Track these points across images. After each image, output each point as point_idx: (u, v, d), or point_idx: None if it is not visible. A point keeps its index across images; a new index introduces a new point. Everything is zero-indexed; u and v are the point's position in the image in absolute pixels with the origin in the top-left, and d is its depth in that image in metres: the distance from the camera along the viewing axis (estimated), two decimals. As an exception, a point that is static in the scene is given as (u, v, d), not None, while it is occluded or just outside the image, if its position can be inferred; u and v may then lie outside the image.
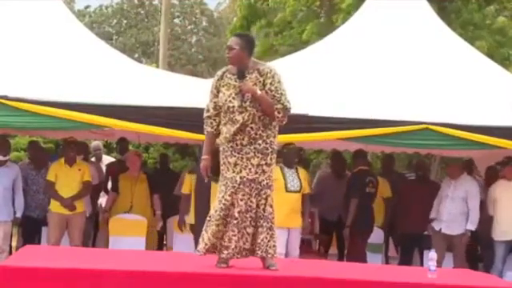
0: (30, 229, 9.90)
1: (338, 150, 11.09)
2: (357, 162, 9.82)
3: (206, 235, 5.98)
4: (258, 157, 5.96)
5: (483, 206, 9.49)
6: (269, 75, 6.03)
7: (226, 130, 6.01)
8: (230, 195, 5.91)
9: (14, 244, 10.47)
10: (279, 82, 6.04)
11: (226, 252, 5.94)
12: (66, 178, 9.26)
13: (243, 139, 5.96)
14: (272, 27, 19.42)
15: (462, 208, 9.30)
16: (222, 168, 6.00)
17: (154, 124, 8.48)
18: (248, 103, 5.95)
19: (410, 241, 9.91)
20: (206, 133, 6.19)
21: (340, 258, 10.08)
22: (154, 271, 5.65)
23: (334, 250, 10.57)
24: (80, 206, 9.35)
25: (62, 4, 10.31)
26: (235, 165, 5.93)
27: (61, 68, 8.93)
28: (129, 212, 9.68)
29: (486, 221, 9.41)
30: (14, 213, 9.28)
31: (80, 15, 33.83)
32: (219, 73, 6.18)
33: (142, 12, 38.35)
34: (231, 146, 5.96)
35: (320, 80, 9.32)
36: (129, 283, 5.51)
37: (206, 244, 5.97)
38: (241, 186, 5.91)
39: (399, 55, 9.64)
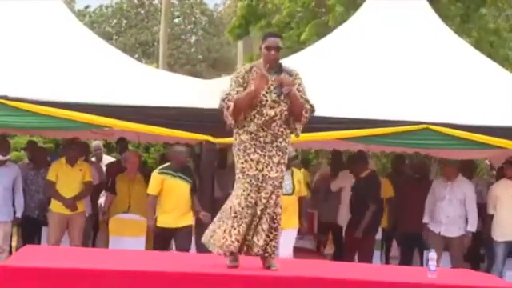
0: (29, 229, 9.91)
1: (337, 150, 11.06)
2: (362, 164, 9.68)
3: (234, 232, 5.89)
4: (278, 155, 5.97)
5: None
6: (298, 76, 6.11)
7: (253, 125, 5.94)
8: (254, 193, 5.91)
9: (13, 244, 10.47)
10: (303, 84, 6.10)
11: (256, 250, 5.94)
12: (67, 178, 9.25)
13: (266, 136, 5.95)
14: (271, 28, 19.41)
15: (460, 210, 9.29)
16: (243, 166, 5.93)
17: (154, 124, 8.49)
18: (282, 97, 5.95)
19: (410, 241, 9.91)
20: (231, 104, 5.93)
21: (336, 257, 10.06)
22: (154, 271, 5.64)
23: (328, 249, 10.59)
24: (80, 206, 9.35)
25: (62, 4, 10.32)
26: (258, 162, 5.92)
27: (61, 68, 8.94)
28: (127, 212, 9.67)
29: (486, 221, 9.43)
30: (14, 213, 9.27)
31: (80, 15, 33.84)
32: (247, 67, 6.11)
33: (142, 12, 38.36)
34: (254, 144, 5.94)
35: (320, 80, 9.29)
36: (129, 283, 5.51)
37: (237, 241, 5.89)
38: (263, 184, 5.92)
39: (399, 55, 9.64)
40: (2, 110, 8.21)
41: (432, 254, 6.24)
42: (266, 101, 5.94)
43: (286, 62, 10.13)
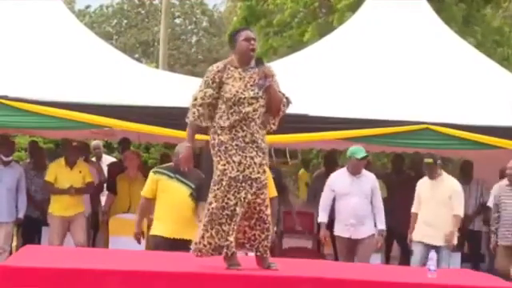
0: (29, 229, 9.90)
1: (335, 149, 11.04)
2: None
3: (208, 234, 5.90)
4: (259, 156, 5.94)
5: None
6: (271, 69, 6.06)
7: (229, 122, 5.89)
8: (233, 194, 5.86)
9: (14, 244, 10.47)
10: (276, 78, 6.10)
11: (227, 251, 5.91)
12: (67, 180, 9.20)
13: (246, 136, 5.92)
14: (272, 27, 19.46)
15: (368, 208, 8.31)
16: (225, 168, 5.91)
17: (154, 124, 8.48)
18: (262, 92, 5.90)
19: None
20: (190, 122, 6.04)
21: (336, 257, 10.05)
22: (154, 271, 5.64)
23: (328, 250, 10.57)
24: (80, 207, 9.35)
25: (61, 4, 10.35)
26: (239, 164, 5.90)
27: (61, 68, 8.95)
28: (127, 212, 9.67)
29: (487, 221, 9.37)
30: (16, 213, 9.26)
31: (80, 15, 33.87)
32: (220, 65, 5.99)
33: (142, 12, 38.39)
34: (236, 145, 5.92)
35: (320, 80, 9.33)
36: (129, 283, 5.51)
37: (210, 244, 5.92)
38: (243, 185, 5.88)
39: (399, 55, 9.66)
40: (2, 109, 8.23)
41: (432, 254, 6.23)
42: (244, 98, 5.90)
43: (287, 62, 10.23)
